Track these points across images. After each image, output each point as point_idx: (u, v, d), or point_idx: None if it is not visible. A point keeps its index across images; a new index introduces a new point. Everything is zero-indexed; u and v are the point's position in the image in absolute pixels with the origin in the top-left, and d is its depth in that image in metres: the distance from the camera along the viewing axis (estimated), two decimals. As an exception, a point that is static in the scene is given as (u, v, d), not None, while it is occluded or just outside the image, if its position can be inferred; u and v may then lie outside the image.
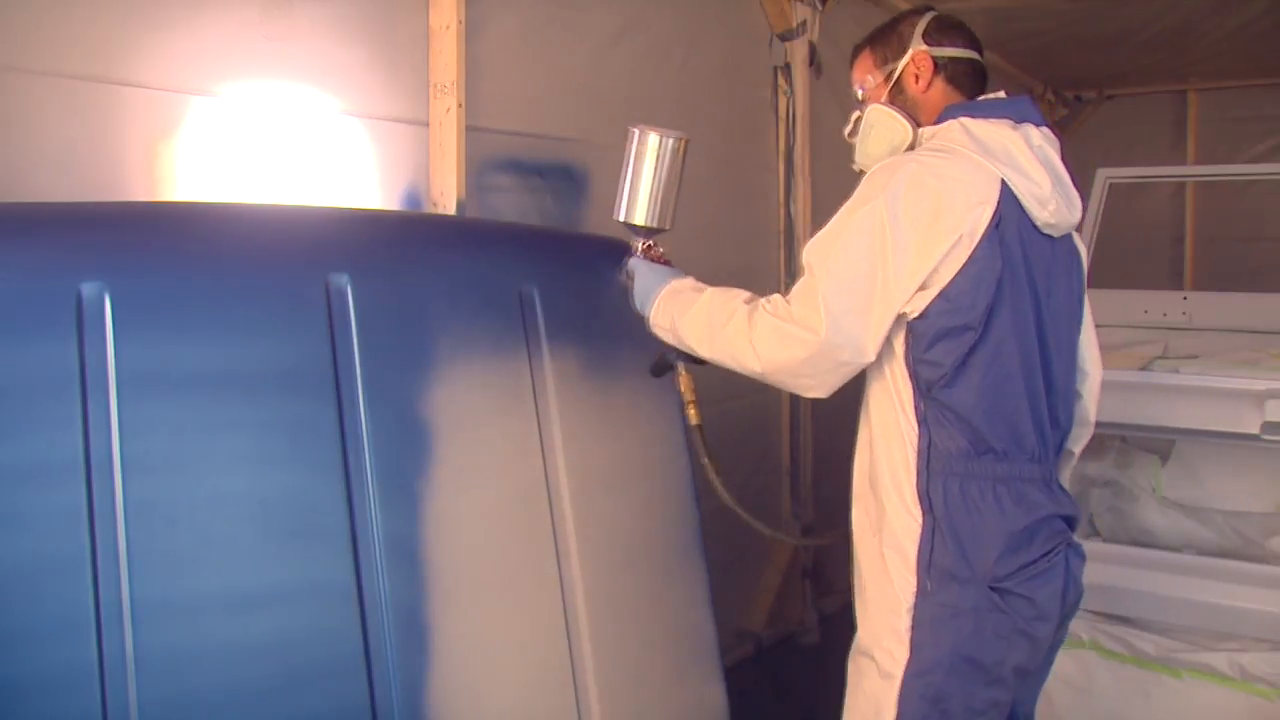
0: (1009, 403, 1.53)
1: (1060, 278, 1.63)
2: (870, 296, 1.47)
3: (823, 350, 1.47)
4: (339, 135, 2.17)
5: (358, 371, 1.69)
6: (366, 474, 1.67)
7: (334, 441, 1.64)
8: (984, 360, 1.51)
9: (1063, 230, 1.62)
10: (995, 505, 1.52)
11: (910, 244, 1.46)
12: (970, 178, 1.50)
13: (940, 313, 1.49)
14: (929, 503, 1.52)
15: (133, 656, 1.40)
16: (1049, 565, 1.56)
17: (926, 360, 1.52)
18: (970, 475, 1.52)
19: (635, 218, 1.81)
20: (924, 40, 1.65)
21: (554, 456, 1.94)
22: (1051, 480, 1.60)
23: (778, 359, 1.51)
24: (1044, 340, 1.58)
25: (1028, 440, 1.55)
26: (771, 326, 1.52)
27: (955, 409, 1.51)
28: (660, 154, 1.78)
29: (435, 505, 1.75)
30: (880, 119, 1.66)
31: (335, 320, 1.69)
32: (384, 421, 1.70)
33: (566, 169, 2.69)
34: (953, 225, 1.46)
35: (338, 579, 1.61)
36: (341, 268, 1.72)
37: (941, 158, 1.53)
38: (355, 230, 1.87)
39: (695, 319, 1.63)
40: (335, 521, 1.63)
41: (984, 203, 1.48)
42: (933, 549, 1.52)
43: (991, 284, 1.49)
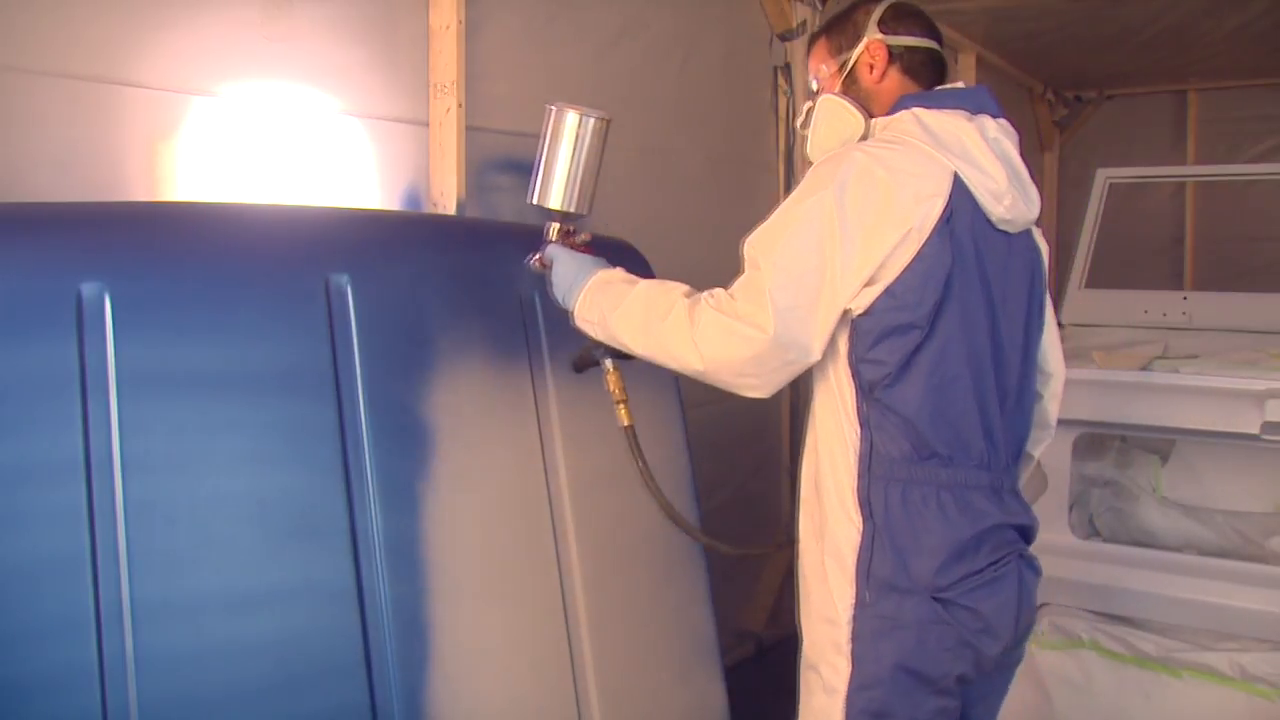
0: (955, 406, 1.47)
1: (1017, 276, 1.56)
2: (818, 292, 1.40)
3: (770, 348, 1.40)
4: (339, 135, 2.17)
5: (358, 372, 1.69)
6: (366, 474, 1.67)
7: (334, 442, 1.64)
8: (929, 360, 1.44)
9: (1019, 226, 1.55)
10: (938, 513, 1.45)
11: (857, 237, 1.40)
12: (920, 170, 1.44)
13: (886, 309, 1.42)
14: (869, 509, 1.46)
15: (133, 656, 1.40)
16: (995, 576, 1.48)
17: (869, 359, 1.45)
18: (912, 481, 1.45)
19: (550, 201, 1.72)
20: (879, 29, 1.60)
21: (554, 457, 1.94)
22: (1003, 488, 1.52)
23: (721, 357, 1.44)
24: (997, 341, 1.51)
25: (975, 445, 1.48)
26: (716, 323, 1.44)
27: (898, 411, 1.45)
28: (579, 134, 1.68)
29: (435, 505, 1.75)
30: (831, 110, 1.60)
31: (335, 320, 1.69)
32: (384, 422, 1.70)
33: None
34: (901, 218, 1.40)
35: (338, 579, 1.61)
36: (341, 268, 1.72)
37: (891, 149, 1.47)
38: (355, 230, 1.87)
39: (629, 313, 1.54)
40: (335, 522, 1.62)
41: (934, 196, 1.42)
42: (871, 557, 1.45)
43: (940, 281, 1.42)
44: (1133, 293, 3.71)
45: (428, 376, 1.79)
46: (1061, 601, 2.57)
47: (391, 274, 1.79)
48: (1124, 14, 4.11)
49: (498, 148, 2.48)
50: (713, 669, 2.11)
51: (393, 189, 2.26)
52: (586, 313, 1.61)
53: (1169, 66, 5.11)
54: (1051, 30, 4.41)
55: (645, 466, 1.75)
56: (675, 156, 3.09)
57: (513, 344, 1.93)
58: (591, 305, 1.60)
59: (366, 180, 2.22)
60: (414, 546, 1.71)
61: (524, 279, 1.97)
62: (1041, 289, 1.64)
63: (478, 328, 1.89)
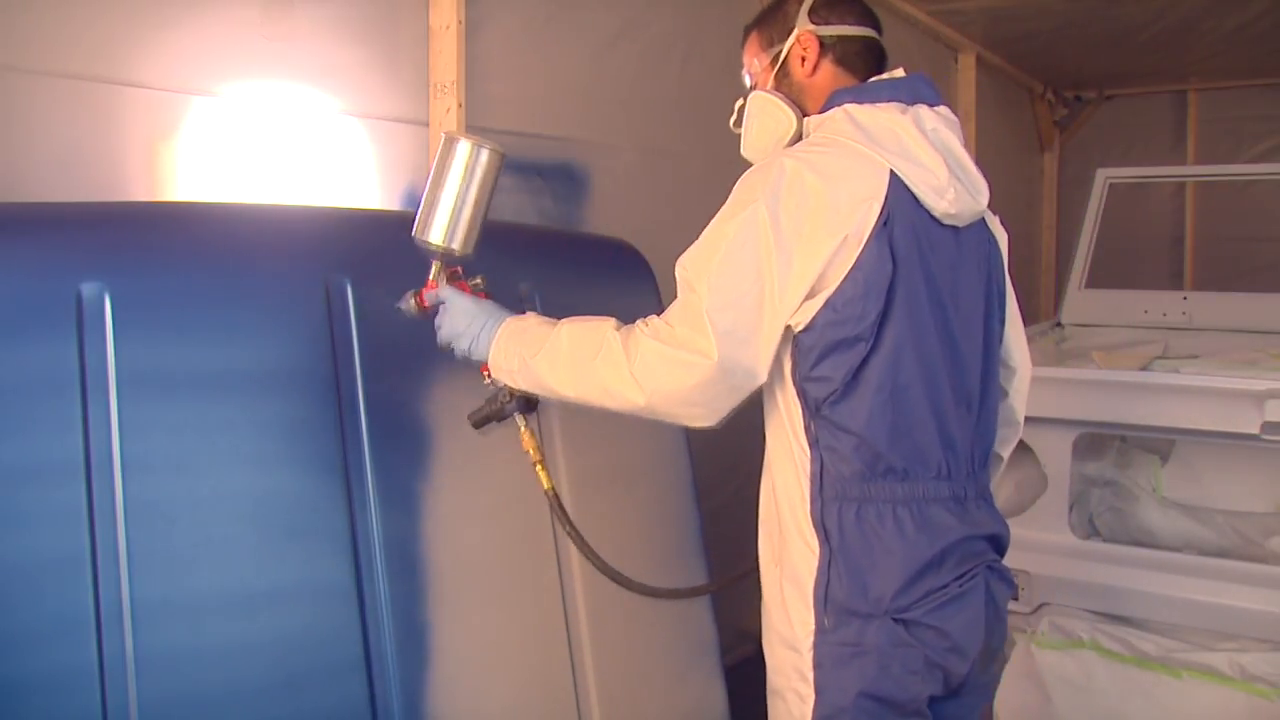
0: (908, 417, 1.39)
1: (969, 272, 1.48)
2: (759, 311, 1.33)
3: (715, 374, 1.32)
4: (339, 135, 2.17)
5: (357, 372, 1.69)
6: (366, 474, 1.67)
7: (334, 442, 1.64)
8: (877, 373, 1.37)
9: (967, 219, 1.46)
10: (895, 530, 1.38)
11: (794, 248, 1.32)
12: (854, 172, 1.36)
13: (828, 324, 1.35)
14: (824, 532, 1.39)
15: (133, 656, 1.40)
16: (961, 590, 1.41)
17: (814, 377, 1.38)
18: (867, 499, 1.38)
19: (432, 236, 1.54)
20: (810, 18, 1.50)
21: (554, 457, 1.93)
22: (966, 498, 1.45)
23: (664, 388, 1.34)
24: (951, 343, 1.43)
25: (932, 456, 1.41)
26: (655, 352, 1.34)
27: (847, 428, 1.38)
28: (470, 165, 1.53)
29: (435, 506, 1.74)
30: (762, 107, 1.53)
31: (335, 321, 1.69)
32: (383, 422, 1.70)
33: (566, 169, 2.70)
34: (836, 225, 1.33)
35: (337, 579, 1.61)
36: (341, 268, 1.71)
37: (822, 151, 1.39)
38: (355, 231, 1.86)
39: (554, 355, 1.43)
40: (335, 522, 1.62)
41: (869, 199, 1.34)
42: (829, 582, 1.38)
43: (882, 289, 1.35)
44: (1133, 293, 3.71)
45: (427, 377, 1.78)
46: (1061, 601, 2.57)
47: (391, 274, 1.71)
48: (1124, 14, 4.11)
49: None
50: (713, 668, 2.10)
51: (393, 189, 2.26)
52: (503, 361, 1.50)
53: (1169, 66, 5.11)
54: (1051, 30, 4.41)
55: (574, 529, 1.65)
56: (675, 158, 3.10)
57: None
58: (508, 353, 1.49)
59: (366, 180, 2.22)
60: (413, 546, 1.70)
61: (524, 278, 1.96)
62: (1000, 281, 1.57)
63: None
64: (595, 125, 2.77)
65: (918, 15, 4.10)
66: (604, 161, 2.79)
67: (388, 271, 1.75)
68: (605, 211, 2.78)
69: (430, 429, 1.77)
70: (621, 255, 2.23)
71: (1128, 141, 5.85)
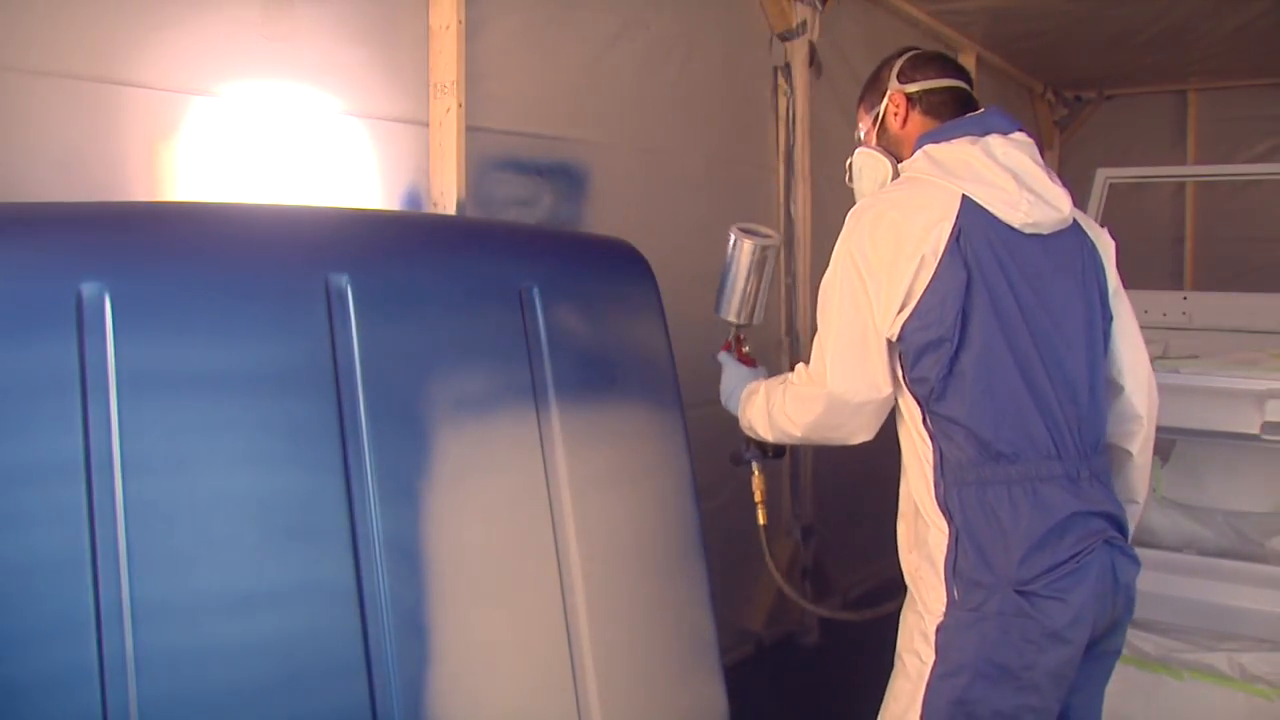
0: (1010, 405, 1.55)
1: (1061, 274, 1.64)
2: (863, 335, 1.58)
3: (832, 400, 1.60)
4: (339, 135, 2.17)
5: (358, 371, 1.69)
6: (366, 474, 1.67)
7: (334, 441, 1.64)
8: (970, 368, 1.55)
9: (1050, 227, 1.63)
10: (1011, 509, 1.54)
11: (881, 274, 1.56)
12: (927, 201, 1.59)
13: (915, 330, 1.56)
14: (949, 513, 1.57)
15: (133, 656, 1.40)
16: (1078, 566, 1.54)
17: (917, 378, 1.58)
18: (984, 481, 1.55)
19: (729, 315, 2.04)
20: (898, 80, 1.76)
21: (554, 456, 1.94)
22: (1080, 477, 1.58)
23: (806, 421, 1.67)
24: (1045, 340, 1.59)
25: (1039, 440, 1.56)
26: (791, 395, 1.70)
27: (954, 418, 1.56)
28: (754, 259, 1.98)
29: (435, 505, 1.75)
30: (863, 161, 1.80)
31: (335, 320, 1.69)
32: (384, 421, 1.70)
33: (566, 168, 2.70)
34: (914, 248, 1.54)
35: (338, 579, 1.61)
36: (341, 268, 1.72)
37: (902, 190, 1.64)
38: (355, 230, 1.87)
39: (758, 413, 1.82)
40: (335, 521, 1.63)
41: (941, 220, 1.56)
42: (956, 558, 1.55)
43: (958, 295, 1.54)
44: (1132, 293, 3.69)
45: (427, 376, 1.79)
46: (1061, 601, 2.56)
47: (391, 274, 1.79)
48: (1124, 14, 4.11)
49: (498, 147, 2.48)
50: (713, 668, 2.11)
51: (393, 189, 2.27)
52: (743, 420, 1.91)
53: (1169, 66, 5.11)
54: (1051, 30, 4.41)
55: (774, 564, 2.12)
56: (674, 157, 3.11)
57: (513, 343, 1.93)
58: (744, 414, 1.89)
59: (367, 180, 2.23)
60: (414, 546, 1.71)
61: (524, 278, 1.98)
62: (1101, 281, 1.72)
63: (477, 327, 1.90)
64: (595, 125, 2.78)
65: (918, 15, 4.10)
66: (603, 161, 2.81)
67: (388, 270, 1.79)
68: (605, 211, 2.79)
69: (430, 428, 1.77)
70: (621, 255, 2.23)
71: (1128, 141, 5.84)
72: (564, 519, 1.93)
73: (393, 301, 1.78)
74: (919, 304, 1.55)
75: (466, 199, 2.31)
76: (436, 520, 1.75)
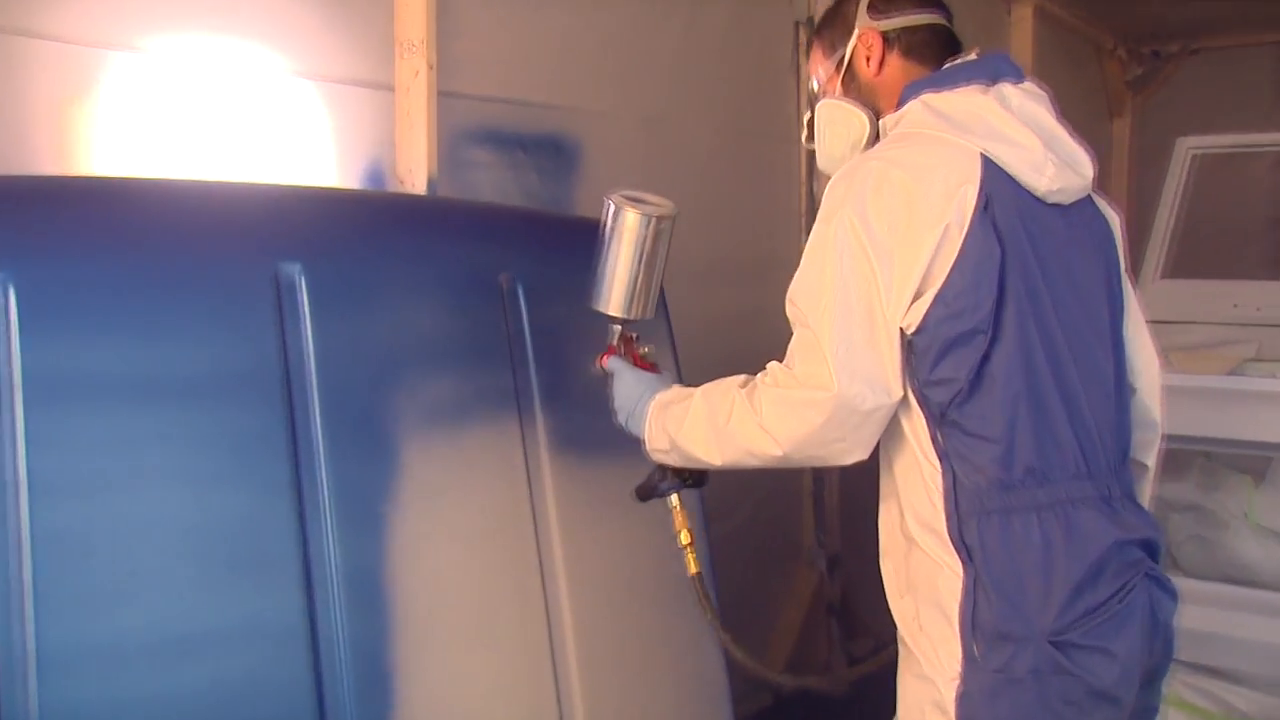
0: (1041, 411, 1.50)
1: (1084, 254, 1.61)
2: (872, 326, 1.47)
3: (841, 405, 1.46)
4: (289, 101, 2.16)
5: (312, 375, 1.70)
6: (322, 495, 1.68)
7: (284, 457, 1.65)
8: (1003, 366, 1.48)
9: (1073, 195, 1.59)
10: (1042, 541, 1.48)
11: (893, 251, 1.46)
12: (943, 160, 1.50)
13: (941, 320, 1.47)
14: (966, 550, 1.49)
15: (38, 712, 1.37)
16: (1122, 606, 1.49)
17: (936, 380, 1.50)
18: (1009, 509, 1.48)
19: (611, 308, 1.79)
20: (869, 15, 1.66)
21: (540, 473, 1.95)
22: (1115, 497, 1.55)
23: (796, 433, 1.50)
24: (1074, 331, 1.55)
25: (1069, 453, 1.51)
26: (777, 399, 1.52)
27: (978, 431, 1.49)
28: (642, 236, 1.76)
29: (402, 530, 1.75)
30: (831, 115, 1.69)
31: (285, 316, 1.69)
32: (343, 434, 1.71)
33: (555, 141, 2.69)
34: (934, 216, 1.46)
35: (287, 617, 1.61)
36: (293, 255, 1.72)
37: (905, 147, 1.53)
38: (308, 212, 1.87)
39: (695, 429, 1.62)
40: (285, 550, 1.63)
41: (964, 184, 1.48)
42: (975, 605, 1.48)
43: (993, 275, 1.47)
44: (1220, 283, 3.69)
45: (393, 381, 1.80)
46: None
47: (351, 263, 1.80)
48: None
49: (475, 117, 2.48)
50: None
51: (352, 164, 2.26)
52: (656, 442, 1.70)
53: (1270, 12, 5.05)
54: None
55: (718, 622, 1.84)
56: (679, 127, 3.09)
57: (493, 344, 1.94)
58: (659, 433, 1.69)
59: (322, 154, 2.22)
60: (377, 579, 1.71)
61: (506, 268, 1.98)
62: (1117, 265, 1.67)
63: (452, 325, 1.90)
64: (587, 91, 2.77)
65: (965, -40, 4.09)
66: (597, 132, 2.79)
67: (347, 259, 1.80)
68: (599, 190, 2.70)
69: (397, 442, 1.78)
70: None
71: (1216, 104, 5.79)
72: (551, 545, 1.93)
73: (353, 295, 1.78)
74: (944, 287, 1.46)
75: (438, 176, 2.30)
76: (403, 548, 1.75)
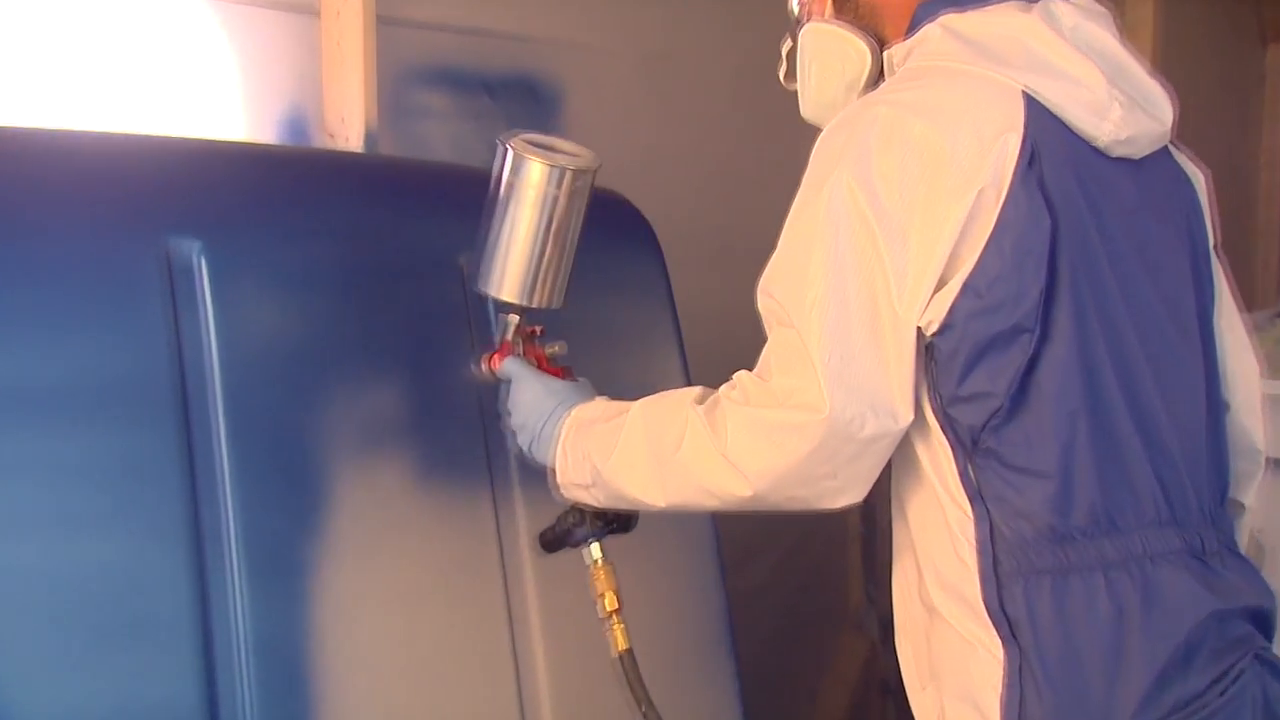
0: (1107, 435, 1.43)
1: (1162, 225, 1.54)
2: (877, 325, 1.39)
3: (833, 431, 1.38)
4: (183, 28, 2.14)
5: (215, 384, 1.68)
6: (227, 537, 1.66)
7: (178, 491, 1.62)
8: (1056, 375, 1.40)
9: (1146, 147, 1.51)
10: (1111, 610, 1.40)
11: (907, 226, 1.38)
12: (973, 103, 1.42)
13: (972, 316, 1.39)
14: (1008, 624, 1.42)
15: None
16: (1224, 700, 1.43)
17: (965, 396, 1.42)
18: (1065, 568, 1.42)
19: (504, 291, 1.68)
20: None
21: (511, 505, 1.94)
22: (1210, 551, 1.48)
23: (772, 467, 1.42)
24: (1152, 328, 1.48)
25: (1147, 490, 1.44)
26: (747, 421, 1.43)
27: (1022, 462, 1.42)
28: (550, 195, 1.63)
29: (332, 583, 1.75)
30: (822, 44, 1.62)
31: (180, 309, 1.67)
32: (256, 460, 1.70)
33: (529, 83, 2.70)
34: (964, 179, 1.37)
35: (180, 696, 1.59)
36: (189, 230, 1.70)
37: (921, 86, 1.46)
38: (210, 174, 1.84)
39: (629, 457, 1.54)
40: (178, 613, 1.61)
41: (1003, 133, 1.39)
42: (1023, 698, 1.41)
43: (1041, 254, 1.39)
44: None
45: (322, 392, 1.79)
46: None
47: (266, 240, 1.78)
48: None
49: (426, 51, 2.49)
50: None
51: (266, 111, 2.27)
52: (573, 475, 1.62)
53: None
54: None
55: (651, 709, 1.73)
56: (689, 65, 3.07)
57: (453, 344, 1.92)
58: (576, 463, 1.61)
59: (227, 97, 2.21)
60: (298, 646, 1.70)
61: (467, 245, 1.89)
62: (1204, 241, 1.62)
63: (398, 320, 1.89)
64: (571, 18, 2.76)
65: None
66: (584, 72, 2.78)
67: (259, 233, 1.78)
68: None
69: (328, 470, 1.77)
70: (610, 212, 2.19)
71: None
72: (525, 601, 1.93)
73: (268, 282, 1.77)
74: (976, 271, 1.38)
75: (378, 128, 2.27)
76: (333, 609, 1.74)
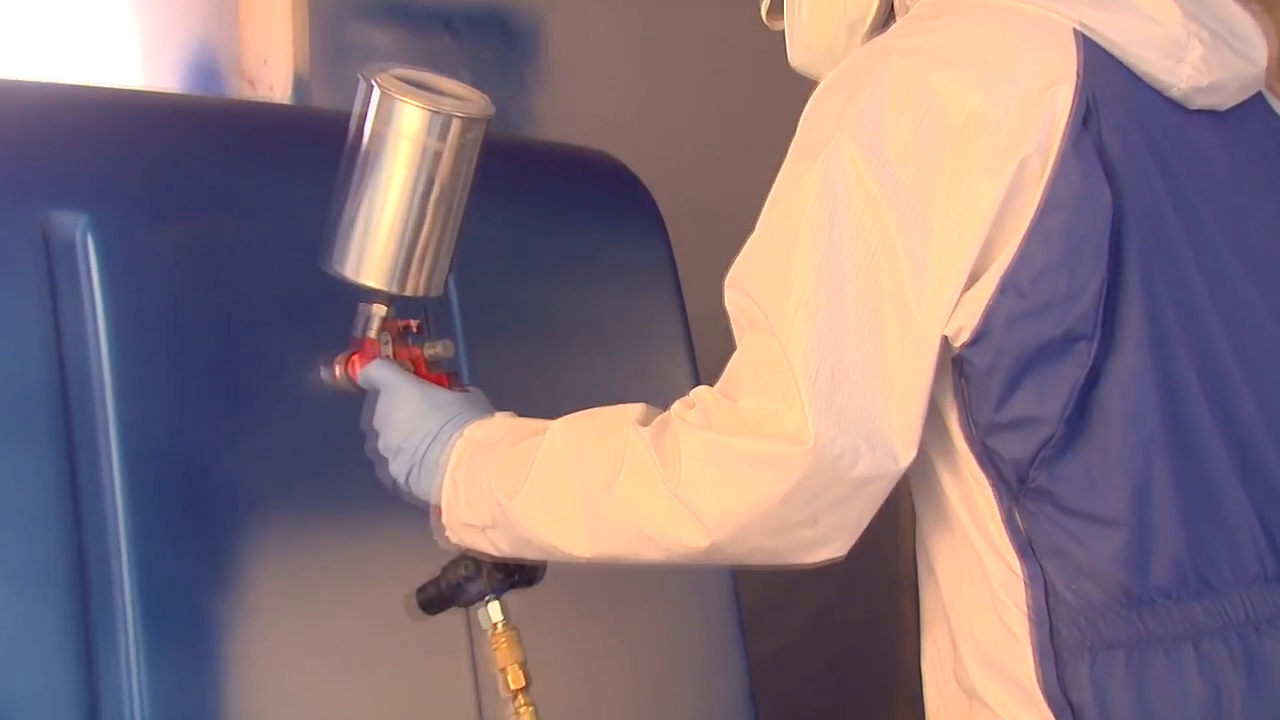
0: (1194, 469, 1.37)
1: (1260, 194, 1.50)
2: (881, 335, 1.33)
3: (817, 467, 1.31)
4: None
5: (105, 391, 1.67)
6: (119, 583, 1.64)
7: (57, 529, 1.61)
8: (1125, 393, 1.36)
9: (1235, 95, 1.47)
10: (1209, 691, 1.36)
11: (928, 208, 1.33)
12: (1012, 47, 1.37)
13: (1014, 320, 1.33)
14: (1071, 713, 1.38)
15: None
16: None
17: (1008, 423, 1.36)
18: (1146, 640, 1.37)
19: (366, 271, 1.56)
20: None
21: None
22: None
23: (737, 511, 1.35)
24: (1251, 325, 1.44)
25: (1250, 539, 1.40)
26: (708, 452, 1.36)
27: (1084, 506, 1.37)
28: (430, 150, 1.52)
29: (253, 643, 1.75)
30: None
31: (60, 296, 1.67)
32: (155, 485, 1.70)
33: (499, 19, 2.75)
34: (1000, 146, 1.32)
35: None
36: (71, 201, 1.71)
37: (946, 27, 1.41)
38: (98, 131, 1.84)
39: (545, 494, 1.46)
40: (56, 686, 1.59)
41: (1051, 84, 1.33)
42: None
43: (1100, 240, 1.33)
44: None
45: (239, 398, 1.81)
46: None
47: (167, 213, 1.79)
48: None
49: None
50: None
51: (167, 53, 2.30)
52: (466, 514, 1.52)
53: None
54: None
55: None
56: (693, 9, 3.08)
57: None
58: (471, 499, 1.51)
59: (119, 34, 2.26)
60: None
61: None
62: None
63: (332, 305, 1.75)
64: None
65: None
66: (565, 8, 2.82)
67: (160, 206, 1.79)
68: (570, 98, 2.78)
69: (246, 496, 1.78)
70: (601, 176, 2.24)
71: None
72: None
73: (170, 262, 1.77)
74: (1017, 263, 1.32)
75: (310, 73, 2.28)
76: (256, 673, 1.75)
